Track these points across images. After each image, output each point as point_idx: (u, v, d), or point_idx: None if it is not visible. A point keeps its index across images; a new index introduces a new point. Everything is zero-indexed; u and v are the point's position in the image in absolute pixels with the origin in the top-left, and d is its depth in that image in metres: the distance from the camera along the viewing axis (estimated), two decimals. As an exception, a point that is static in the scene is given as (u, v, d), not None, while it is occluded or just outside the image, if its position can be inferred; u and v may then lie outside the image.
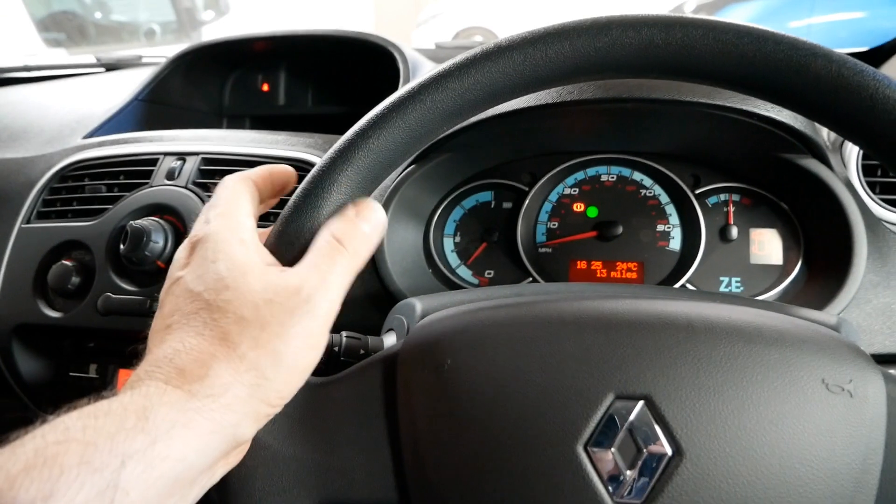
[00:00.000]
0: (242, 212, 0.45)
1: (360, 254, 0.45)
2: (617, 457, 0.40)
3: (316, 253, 0.43)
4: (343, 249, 0.44)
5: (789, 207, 0.81)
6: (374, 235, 0.46)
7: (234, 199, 0.46)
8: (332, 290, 0.43)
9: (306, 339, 0.41)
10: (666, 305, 0.45)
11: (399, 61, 1.05)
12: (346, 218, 0.45)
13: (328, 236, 0.44)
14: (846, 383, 0.40)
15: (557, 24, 0.46)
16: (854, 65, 0.42)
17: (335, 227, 0.44)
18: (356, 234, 0.45)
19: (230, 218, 0.44)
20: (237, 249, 0.42)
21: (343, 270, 0.44)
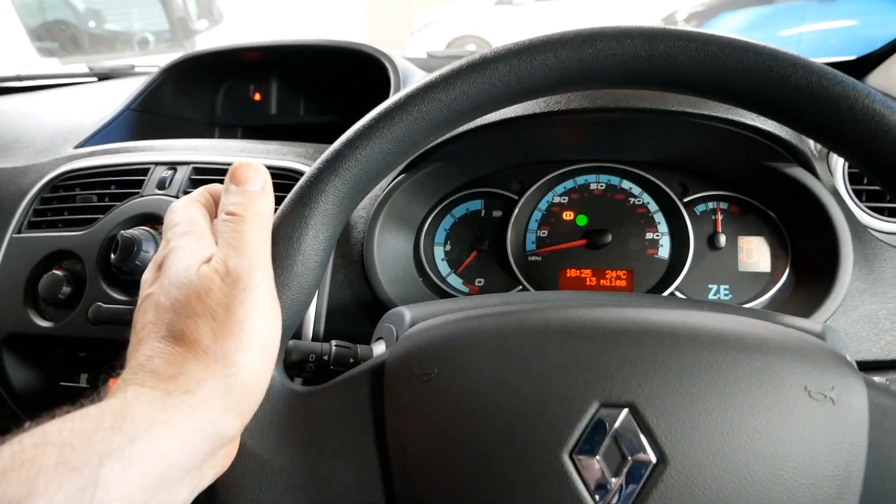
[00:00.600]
0: (199, 227, 0.46)
1: (262, 212, 0.45)
2: (602, 464, 0.40)
3: (222, 236, 0.44)
4: (241, 217, 0.44)
5: (777, 215, 0.81)
6: (264, 189, 0.46)
7: (189, 217, 0.47)
8: (254, 258, 0.43)
9: (256, 313, 0.42)
10: (651, 314, 0.46)
11: (390, 71, 1.05)
12: (228, 191, 0.46)
13: (223, 216, 0.45)
14: (829, 390, 0.41)
15: (543, 36, 0.46)
16: (834, 76, 0.43)
17: (224, 204, 0.45)
18: (245, 198, 0.45)
19: (189, 234, 0.45)
20: (194, 258, 0.43)
21: (254, 235, 0.44)
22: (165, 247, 0.46)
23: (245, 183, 0.46)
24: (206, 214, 0.49)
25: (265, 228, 0.45)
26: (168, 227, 0.47)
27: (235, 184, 0.46)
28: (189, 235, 0.45)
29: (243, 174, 0.46)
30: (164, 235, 0.47)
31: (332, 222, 0.48)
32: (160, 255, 0.46)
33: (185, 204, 0.49)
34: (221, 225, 0.44)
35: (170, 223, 0.47)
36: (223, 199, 0.46)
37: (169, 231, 0.46)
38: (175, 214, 0.47)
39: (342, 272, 0.81)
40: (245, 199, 0.45)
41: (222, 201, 0.46)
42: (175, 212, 0.48)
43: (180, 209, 0.48)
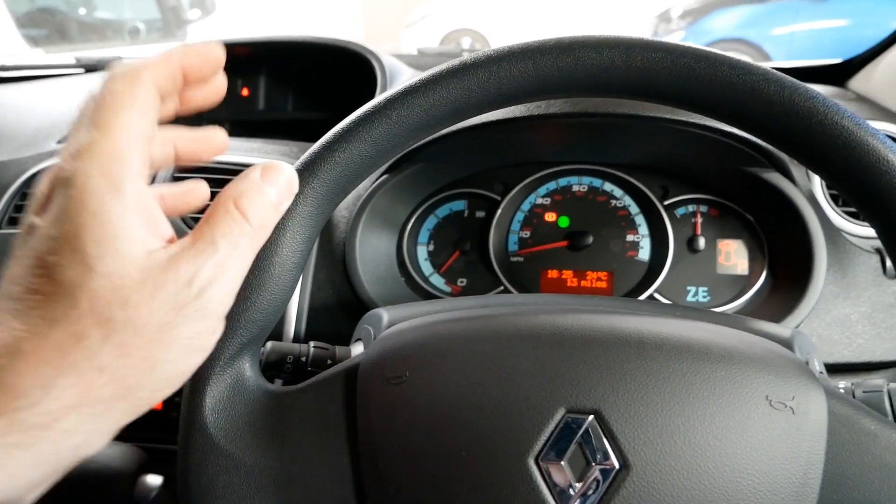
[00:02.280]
0: (130, 137, 0.33)
1: (265, 228, 0.39)
2: (567, 470, 0.41)
3: (213, 227, 0.35)
4: (246, 224, 0.37)
5: (754, 219, 0.82)
6: (283, 204, 0.40)
7: (120, 115, 0.33)
8: (231, 281, 0.36)
9: (192, 342, 0.35)
10: (619, 321, 0.46)
11: (377, 69, 1.05)
12: (251, 182, 0.38)
13: (230, 205, 0.36)
14: (789, 400, 0.42)
15: (522, 43, 0.47)
16: (805, 91, 0.43)
17: (238, 191, 0.37)
18: (262, 203, 0.38)
19: (110, 150, 0.32)
20: (110, 208, 0.31)
21: (246, 252, 0.37)
22: (73, 161, 0.32)
23: (269, 184, 0.39)
24: (153, 104, 0.35)
25: (259, 246, 0.40)
26: (89, 120, 0.33)
27: (261, 176, 0.39)
28: (105, 152, 0.32)
29: (273, 175, 0.39)
30: (78, 131, 0.33)
31: (309, 224, 0.48)
32: (62, 169, 0.32)
33: (128, 83, 0.34)
34: (220, 213, 0.36)
35: (93, 114, 0.33)
36: (242, 189, 0.37)
37: (86, 130, 0.33)
38: (108, 100, 0.34)
39: (324, 272, 0.81)
40: (262, 203, 0.38)
41: (241, 190, 0.37)
42: (110, 94, 0.34)
43: (119, 92, 0.34)
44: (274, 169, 0.40)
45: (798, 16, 5.14)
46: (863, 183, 0.43)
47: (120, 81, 0.34)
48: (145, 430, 0.81)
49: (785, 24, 5.17)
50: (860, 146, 0.42)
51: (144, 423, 0.80)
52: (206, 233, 0.35)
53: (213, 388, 0.47)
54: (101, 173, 0.31)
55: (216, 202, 0.37)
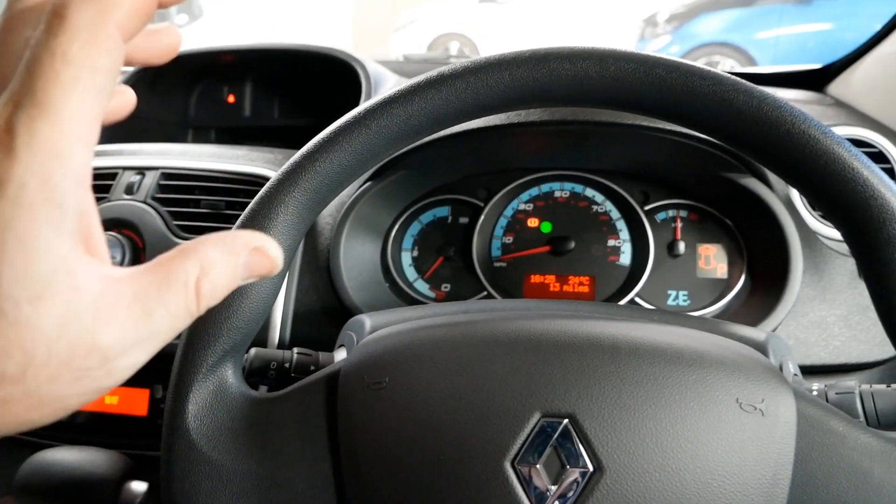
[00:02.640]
0: (81, 126, 0.25)
1: (214, 298, 0.30)
2: (542, 473, 0.42)
3: (161, 289, 0.28)
4: (194, 310, 0.29)
5: (733, 224, 0.84)
6: (248, 276, 0.31)
7: (73, 93, 0.24)
8: (146, 354, 0.28)
9: (74, 404, 0.27)
10: (594, 326, 0.47)
11: (361, 77, 1.06)
12: (230, 260, 0.30)
13: (192, 277, 0.29)
14: (759, 402, 0.43)
15: (499, 55, 0.48)
16: (773, 101, 0.45)
17: (211, 265, 0.29)
18: (224, 289, 0.30)
19: (53, 145, 0.24)
20: (42, 236, 0.25)
21: (164, 335, 0.29)
22: (8, 156, 0.24)
23: (244, 249, 0.30)
24: (116, 65, 0.26)
25: (191, 319, 0.30)
26: (28, 96, 0.24)
27: (245, 245, 0.31)
28: (47, 152, 0.24)
29: (259, 244, 0.31)
30: (15, 110, 0.24)
31: (291, 232, 0.49)
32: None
33: (95, 38, 0.25)
34: (176, 270, 0.28)
35: (37, 84, 0.24)
36: (215, 254, 0.29)
37: (26, 110, 0.24)
38: (59, 69, 0.24)
39: (308, 278, 0.82)
40: (228, 268, 0.30)
41: (213, 255, 0.29)
42: (69, 57, 0.24)
43: (77, 57, 0.24)
44: (259, 254, 0.31)
45: (782, 19, 5.19)
46: (829, 190, 0.45)
47: (78, 41, 0.24)
48: (130, 437, 0.82)
49: (769, 27, 5.22)
50: (826, 154, 0.44)
51: (129, 430, 0.82)
52: (150, 296, 0.27)
53: (196, 395, 0.47)
54: (39, 181, 0.24)
55: (180, 260, 0.29)
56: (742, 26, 5.33)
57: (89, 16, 0.25)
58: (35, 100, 0.24)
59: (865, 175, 0.43)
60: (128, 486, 0.60)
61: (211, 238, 0.30)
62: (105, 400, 0.83)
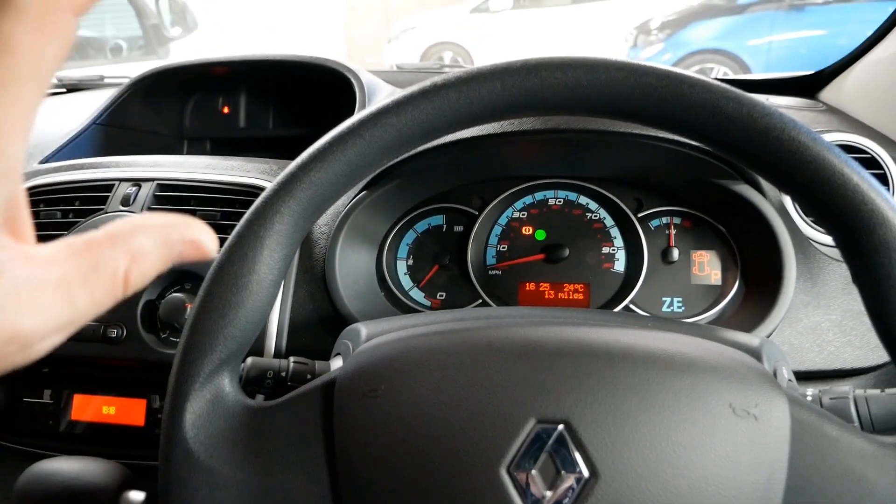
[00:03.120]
0: (14, 122, 0.23)
1: (141, 285, 0.28)
2: (538, 479, 0.42)
3: (84, 273, 0.26)
4: (124, 286, 0.27)
5: (727, 230, 0.84)
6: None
7: (11, 87, 0.22)
8: (65, 336, 0.27)
9: None
10: (588, 333, 0.48)
11: (355, 86, 1.07)
12: (160, 244, 0.28)
13: (122, 265, 0.27)
14: (752, 407, 0.43)
15: (490, 65, 0.48)
16: (763, 108, 0.45)
17: (140, 252, 0.27)
18: (151, 270, 0.28)
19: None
20: None
21: (99, 309, 0.27)
22: None
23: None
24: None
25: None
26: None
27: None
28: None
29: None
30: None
31: (286, 242, 0.49)
32: None
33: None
34: (103, 254, 0.27)
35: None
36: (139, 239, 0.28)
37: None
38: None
39: (304, 287, 0.82)
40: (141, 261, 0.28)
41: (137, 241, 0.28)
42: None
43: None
44: (189, 228, 0.29)
45: (775, 26, 5.22)
46: (820, 196, 0.45)
47: (23, 25, 0.22)
48: (128, 447, 0.82)
49: (762, 34, 5.25)
50: (816, 160, 0.44)
51: (127, 440, 0.82)
52: (75, 283, 0.26)
53: (193, 404, 0.47)
54: None
55: (104, 244, 0.27)
56: (734, 33, 5.36)
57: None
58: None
59: (856, 180, 0.44)
60: (126, 496, 0.60)
61: (144, 225, 0.28)
62: (102, 410, 0.83)
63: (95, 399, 0.84)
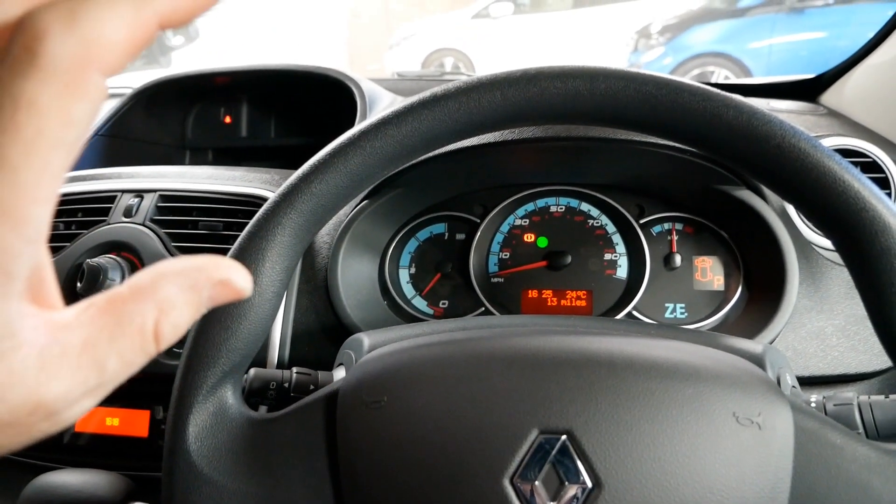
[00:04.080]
0: (39, 189, 0.21)
1: (176, 337, 0.27)
2: (541, 489, 0.42)
3: (113, 341, 0.25)
4: (156, 341, 0.26)
5: (728, 236, 0.84)
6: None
7: (37, 151, 0.20)
8: (96, 401, 0.26)
9: (12, 449, 0.25)
10: (590, 342, 0.48)
11: (356, 95, 1.07)
12: (192, 296, 0.26)
13: (150, 318, 0.25)
14: (756, 416, 0.43)
15: (490, 75, 0.49)
16: (763, 115, 0.45)
17: (170, 304, 0.26)
18: (184, 326, 0.27)
19: (6, 214, 0.21)
20: None
21: (132, 369, 0.26)
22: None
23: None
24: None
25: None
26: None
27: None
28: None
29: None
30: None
31: (288, 254, 0.50)
32: None
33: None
34: (132, 329, 0.25)
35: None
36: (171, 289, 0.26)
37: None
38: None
39: (307, 297, 0.82)
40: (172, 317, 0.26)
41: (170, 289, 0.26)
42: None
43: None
44: (225, 287, 0.27)
45: (775, 29, 5.22)
46: (821, 203, 0.45)
47: (51, 88, 0.20)
48: (131, 459, 0.82)
49: (762, 37, 5.25)
50: (817, 167, 0.44)
51: (130, 452, 0.82)
52: (101, 344, 0.24)
53: (197, 416, 0.48)
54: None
55: (131, 309, 0.25)
56: (735, 36, 5.36)
57: (69, 54, 0.20)
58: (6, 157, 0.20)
59: (857, 187, 0.44)
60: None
61: (168, 272, 0.26)
62: (106, 422, 0.83)
63: (99, 410, 0.84)
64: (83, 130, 0.21)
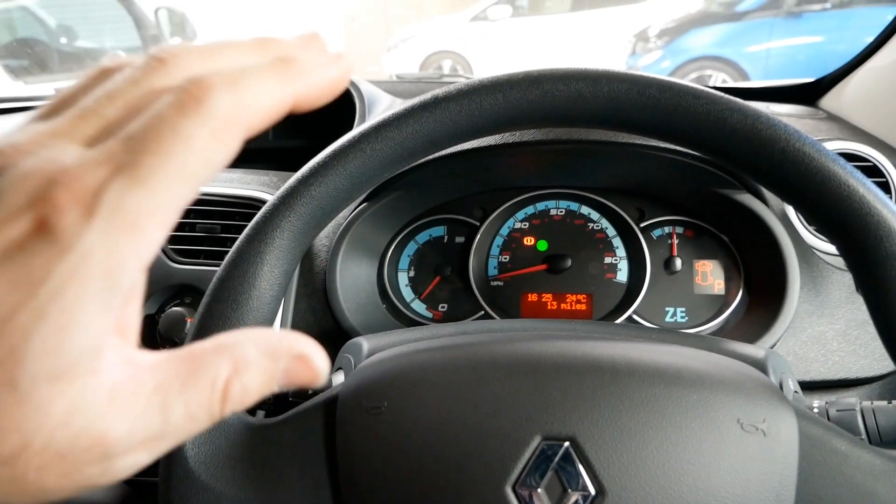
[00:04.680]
0: (166, 213, 0.23)
1: (243, 403, 0.27)
2: (543, 497, 0.41)
3: (187, 394, 0.25)
4: (216, 412, 0.26)
5: (729, 240, 0.84)
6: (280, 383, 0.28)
7: (178, 179, 0.22)
8: (149, 457, 0.25)
9: (54, 496, 0.24)
10: (593, 347, 0.47)
11: (355, 97, 1.06)
12: (268, 367, 0.27)
13: (222, 375, 0.26)
14: (760, 423, 0.42)
15: (492, 77, 0.48)
16: (767, 119, 0.45)
17: (244, 366, 0.26)
18: (253, 395, 0.27)
19: (133, 227, 0.22)
20: (88, 316, 0.22)
21: (192, 427, 0.26)
22: (81, 223, 0.22)
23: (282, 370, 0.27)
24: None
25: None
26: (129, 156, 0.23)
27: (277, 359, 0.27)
28: (122, 232, 0.22)
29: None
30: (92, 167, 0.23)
31: (287, 257, 0.49)
32: (53, 223, 0.21)
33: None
34: (205, 384, 0.26)
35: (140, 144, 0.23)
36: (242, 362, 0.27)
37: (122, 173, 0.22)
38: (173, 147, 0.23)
39: (305, 301, 0.82)
40: (251, 386, 0.27)
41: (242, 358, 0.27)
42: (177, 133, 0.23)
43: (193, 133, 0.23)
44: (302, 364, 0.28)
45: (773, 33, 5.24)
46: (826, 208, 0.45)
47: (206, 130, 0.23)
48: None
49: (760, 41, 5.26)
50: (821, 172, 0.44)
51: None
52: (172, 389, 0.25)
53: None
54: (106, 254, 0.22)
55: (213, 355, 0.26)
56: (733, 40, 5.37)
57: (226, 108, 0.24)
58: (136, 174, 0.22)
59: (861, 192, 0.43)
60: (125, 515, 0.59)
61: (252, 335, 0.27)
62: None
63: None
64: (214, 173, 0.24)
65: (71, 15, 4.43)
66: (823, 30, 5.15)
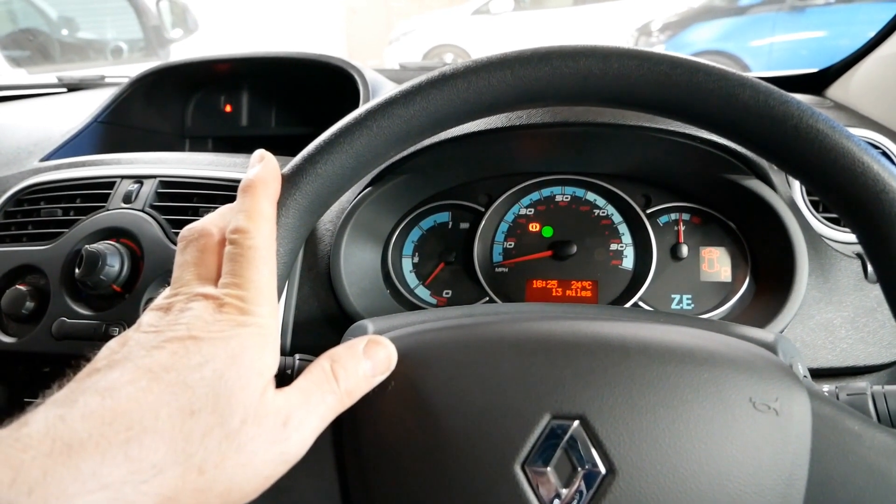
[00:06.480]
0: (270, 290, 0.44)
1: (352, 395, 0.43)
2: (553, 475, 0.41)
3: (310, 379, 0.42)
4: (336, 387, 0.42)
5: (736, 226, 0.83)
6: (375, 376, 0.44)
7: (263, 261, 0.44)
8: (310, 429, 0.41)
9: (272, 468, 0.39)
10: (602, 327, 0.46)
11: (359, 83, 1.06)
12: (352, 350, 0.44)
13: (327, 364, 0.42)
14: (773, 402, 0.42)
15: (500, 54, 0.47)
16: (780, 95, 0.44)
17: (338, 355, 0.43)
18: (355, 371, 0.43)
19: (267, 307, 0.42)
20: (263, 357, 0.41)
21: (328, 409, 0.42)
22: (215, 317, 0.40)
23: (368, 356, 0.44)
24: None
25: (342, 408, 0.43)
26: (235, 266, 0.42)
27: (363, 347, 0.45)
28: (251, 312, 0.41)
29: (373, 348, 0.45)
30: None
31: (293, 236, 0.49)
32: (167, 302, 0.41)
33: (270, 207, 0.46)
34: (317, 369, 0.43)
35: (242, 261, 0.42)
36: (342, 354, 0.44)
37: (233, 280, 0.42)
38: (256, 240, 0.43)
39: (309, 285, 0.81)
40: (354, 371, 0.43)
41: (340, 354, 0.44)
42: (255, 227, 0.44)
43: (264, 225, 0.44)
44: (375, 344, 0.45)
45: (776, 27, 5.22)
46: (839, 186, 0.44)
47: (256, 240, 0.44)
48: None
49: (763, 35, 5.24)
50: (835, 149, 0.43)
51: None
52: (303, 382, 0.42)
53: None
54: (268, 319, 0.42)
55: (320, 358, 0.44)
56: (735, 34, 5.35)
57: (260, 226, 0.44)
58: (248, 284, 0.41)
59: (876, 169, 0.43)
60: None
61: (339, 346, 0.45)
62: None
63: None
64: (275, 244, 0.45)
65: (72, 6, 4.42)
66: (827, 24, 5.14)
